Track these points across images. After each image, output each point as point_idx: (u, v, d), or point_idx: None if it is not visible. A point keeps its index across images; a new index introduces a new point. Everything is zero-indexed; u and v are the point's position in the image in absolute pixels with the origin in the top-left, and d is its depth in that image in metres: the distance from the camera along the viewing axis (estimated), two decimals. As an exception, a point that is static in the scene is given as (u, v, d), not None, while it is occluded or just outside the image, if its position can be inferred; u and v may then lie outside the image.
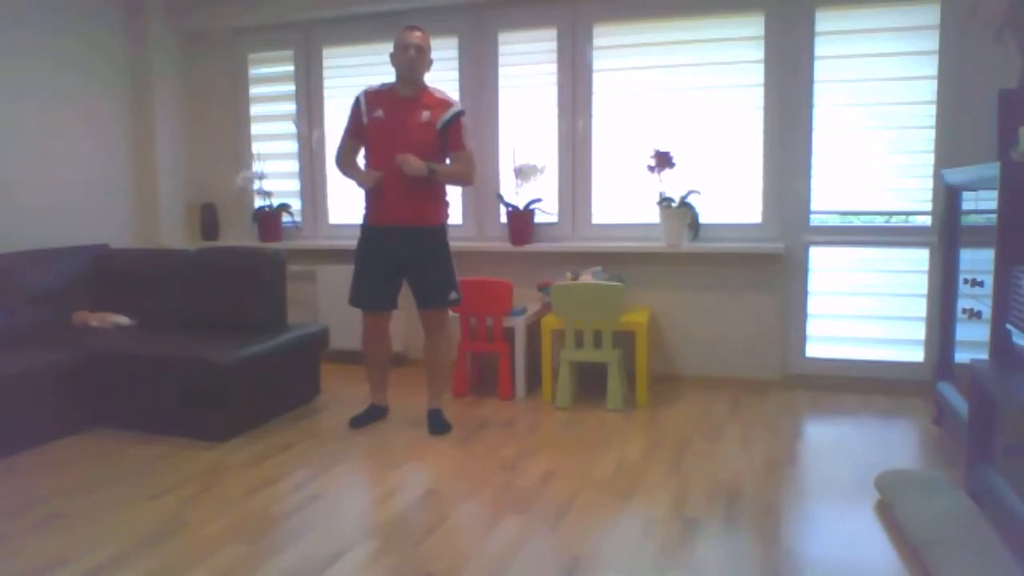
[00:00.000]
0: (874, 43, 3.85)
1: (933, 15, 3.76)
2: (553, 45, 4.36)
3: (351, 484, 2.94)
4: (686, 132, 4.15)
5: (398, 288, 3.50)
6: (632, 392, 3.92)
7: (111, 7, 4.71)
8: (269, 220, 4.91)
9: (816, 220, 4.06)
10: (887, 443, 3.27)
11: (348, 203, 4.64)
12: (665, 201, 4.08)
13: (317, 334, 3.96)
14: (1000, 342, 2.57)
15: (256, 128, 5.07)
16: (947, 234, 3.35)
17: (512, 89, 4.48)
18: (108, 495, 2.80)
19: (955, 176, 3.24)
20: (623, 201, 4.32)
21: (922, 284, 3.89)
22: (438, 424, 3.49)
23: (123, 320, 3.97)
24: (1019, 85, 3.12)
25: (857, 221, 4.05)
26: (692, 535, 2.41)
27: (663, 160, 4.03)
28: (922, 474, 2.70)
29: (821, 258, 4.07)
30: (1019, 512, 2.14)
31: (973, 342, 2.91)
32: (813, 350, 4.11)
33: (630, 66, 4.25)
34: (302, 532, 2.47)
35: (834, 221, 4.05)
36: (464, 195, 4.55)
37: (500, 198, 4.47)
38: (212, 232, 5.10)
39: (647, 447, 3.24)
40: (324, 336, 4.00)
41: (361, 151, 3.47)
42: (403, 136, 3.29)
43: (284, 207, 4.95)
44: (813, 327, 4.10)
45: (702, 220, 4.10)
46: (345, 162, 3.49)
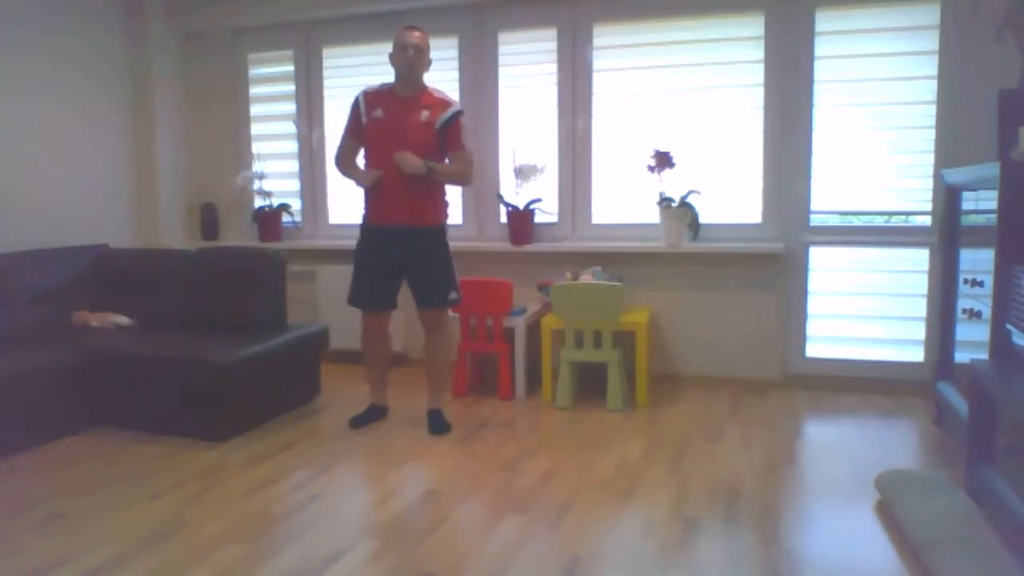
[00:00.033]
0: (874, 43, 3.86)
1: (933, 15, 3.76)
2: (553, 45, 4.36)
3: (351, 484, 2.94)
4: (686, 132, 4.15)
5: (398, 288, 3.50)
6: (632, 392, 3.92)
7: (111, 7, 4.71)
8: (269, 220, 4.91)
9: (816, 220, 4.06)
10: (887, 443, 3.27)
11: (348, 203, 4.65)
12: (665, 201, 4.08)
13: (317, 334, 3.96)
14: (1000, 342, 2.57)
15: (256, 128, 5.07)
16: (947, 234, 3.35)
17: (512, 89, 4.48)
18: (108, 495, 2.80)
19: (955, 176, 3.24)
20: (623, 201, 4.32)
21: (922, 284, 3.89)
22: (438, 424, 3.49)
23: (123, 320, 3.97)
24: (1019, 85, 3.12)
25: (857, 221, 4.05)
26: (692, 535, 2.41)
27: (663, 160, 4.03)
28: (922, 474, 2.70)
29: (821, 258, 4.07)
30: (1019, 512, 2.14)
31: (973, 342, 2.91)
32: (813, 350, 4.11)
33: (630, 66, 4.25)
34: (302, 532, 2.47)
35: (834, 221, 4.06)
36: (464, 195, 4.55)
37: (500, 198, 4.47)
38: (212, 232, 5.11)
39: (647, 447, 3.24)
40: (324, 336, 4.00)
41: (361, 151, 3.48)
42: (402, 136, 3.29)
43: (284, 207, 4.95)
44: (813, 327, 4.10)
45: (702, 220, 4.10)
46: (345, 162, 3.49)
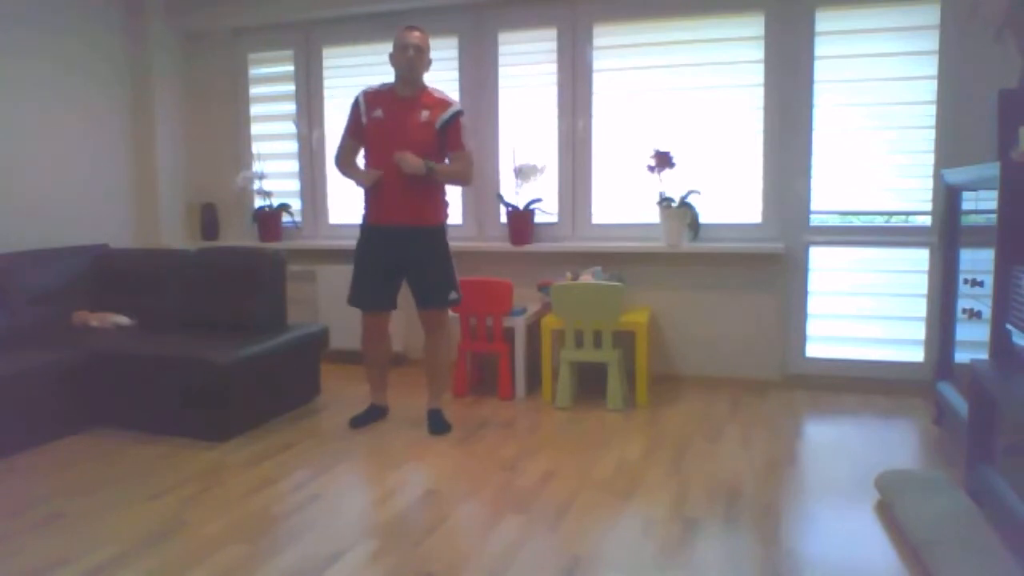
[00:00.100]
0: (874, 43, 3.86)
1: (933, 15, 3.76)
2: (553, 45, 4.36)
3: (351, 484, 2.94)
4: (686, 132, 4.15)
5: (397, 288, 3.50)
6: (632, 392, 3.92)
7: (111, 7, 4.71)
8: (269, 220, 4.91)
9: (816, 220, 4.06)
10: (887, 443, 3.27)
11: (348, 203, 4.65)
12: (665, 201, 4.08)
13: (317, 334, 3.96)
14: (1000, 342, 2.57)
15: (256, 128, 5.07)
16: (947, 234, 3.35)
17: (512, 89, 4.48)
18: (108, 495, 2.80)
19: (955, 176, 3.24)
20: (623, 201, 4.32)
21: (922, 284, 3.89)
22: (438, 424, 3.49)
23: (123, 320, 3.97)
24: (1019, 85, 3.12)
25: (857, 221, 4.05)
26: (692, 535, 2.41)
27: (663, 160, 4.03)
28: (922, 474, 2.70)
29: (821, 258, 4.07)
30: (1019, 512, 2.14)
31: (973, 342, 2.91)
32: (813, 350, 4.11)
33: (630, 66, 4.25)
34: (302, 532, 2.47)
35: (834, 221, 4.06)
36: (464, 195, 4.55)
37: (500, 198, 4.47)
38: (212, 232, 5.11)
39: (647, 447, 3.24)
40: (324, 336, 4.00)
41: (361, 152, 3.48)
42: (402, 136, 3.29)
43: (284, 207, 4.95)
44: (813, 327, 4.10)
45: (702, 220, 4.10)
46: (345, 162, 3.49)
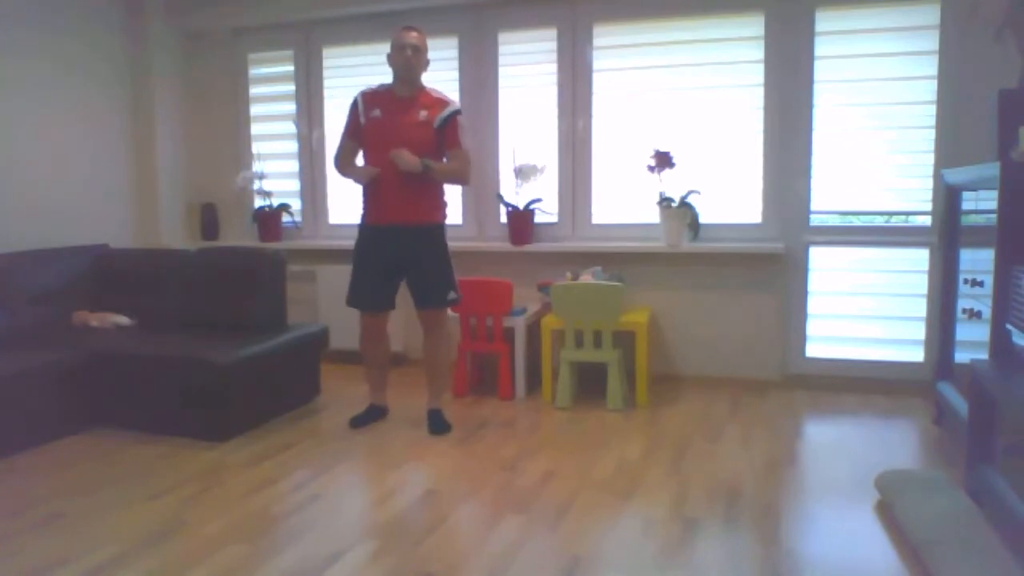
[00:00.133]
0: (874, 43, 3.86)
1: (933, 15, 3.76)
2: (553, 45, 4.36)
3: (351, 484, 2.94)
4: (686, 132, 4.15)
5: (396, 288, 3.50)
6: (632, 392, 3.92)
7: (111, 7, 4.71)
8: (269, 220, 4.91)
9: (816, 220, 4.06)
10: (887, 443, 3.27)
11: (348, 203, 4.64)
12: (665, 201, 4.08)
13: (317, 334, 3.96)
14: (1000, 342, 2.57)
15: (256, 128, 5.07)
16: (947, 234, 3.35)
17: (512, 89, 4.48)
18: (108, 495, 2.80)
19: (955, 176, 3.24)
20: (623, 201, 4.32)
21: (922, 284, 3.89)
22: (438, 424, 3.49)
23: (123, 320, 3.97)
24: (1019, 85, 3.12)
25: (857, 221, 4.05)
26: (692, 535, 2.41)
27: (663, 160, 4.03)
28: (922, 474, 2.70)
29: (821, 258, 4.07)
30: (1019, 512, 2.14)
31: (973, 342, 2.91)
32: (813, 350, 4.11)
33: (630, 66, 4.25)
34: (302, 532, 2.47)
35: (834, 221, 4.06)
36: (464, 195, 4.55)
37: (500, 198, 4.47)
38: (212, 232, 5.11)
39: (647, 447, 3.24)
40: (324, 336, 4.00)
41: (361, 152, 3.48)
42: (400, 135, 3.29)
43: (284, 207, 4.95)
44: (813, 327, 4.10)
45: (702, 220, 4.10)
46: (344, 163, 3.49)
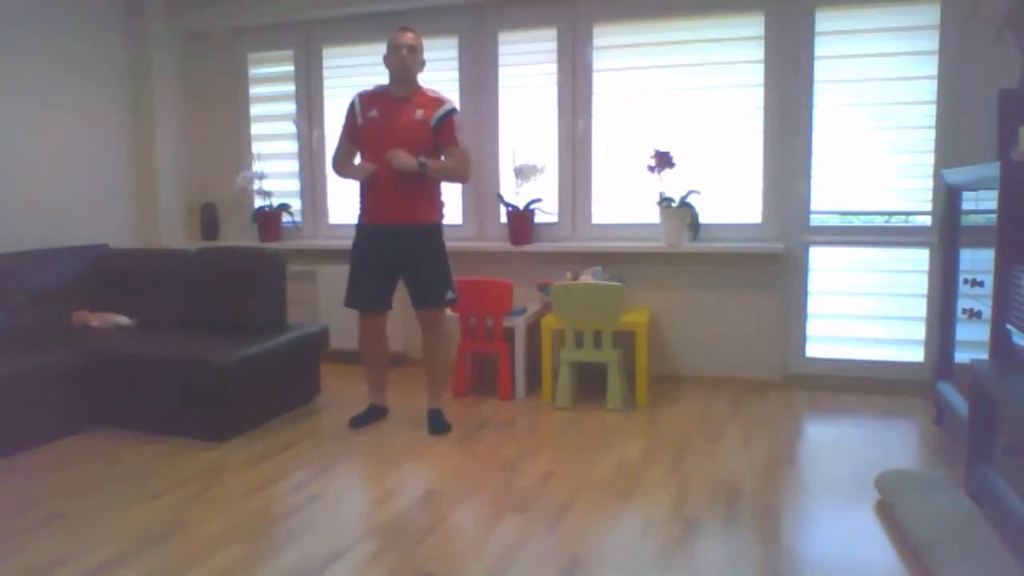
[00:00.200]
0: (874, 43, 3.86)
1: (933, 15, 3.76)
2: (553, 45, 4.36)
3: (351, 484, 2.94)
4: (686, 132, 4.15)
5: (394, 288, 3.50)
6: (632, 392, 3.92)
7: (111, 7, 4.71)
8: (269, 220, 4.91)
9: (816, 220, 4.06)
10: (887, 443, 3.27)
11: (348, 203, 4.63)
12: (665, 201, 4.08)
13: (317, 334, 3.96)
14: (1000, 342, 2.57)
15: (256, 128, 5.07)
16: (947, 234, 3.35)
17: (512, 89, 4.48)
18: (108, 495, 2.80)
19: (955, 176, 3.24)
20: (623, 201, 4.32)
21: (922, 284, 3.89)
22: (438, 424, 3.49)
23: (123, 320, 3.97)
24: (1019, 85, 3.12)
25: (857, 221, 4.05)
26: (692, 535, 2.41)
27: (663, 160, 4.03)
28: (922, 474, 2.70)
29: (821, 258, 4.07)
30: (1019, 512, 2.14)
31: (973, 342, 2.91)
32: (813, 350, 4.11)
33: (630, 66, 4.25)
34: (302, 532, 2.47)
35: (834, 221, 4.05)
36: (464, 195, 4.55)
37: (500, 198, 4.47)
38: (212, 232, 5.11)
39: (647, 447, 3.24)
40: (324, 336, 4.00)
41: (358, 153, 3.48)
42: (397, 134, 3.30)
43: (284, 207, 4.95)
44: (813, 327, 4.10)
45: (702, 220, 4.10)
46: (341, 163, 3.49)
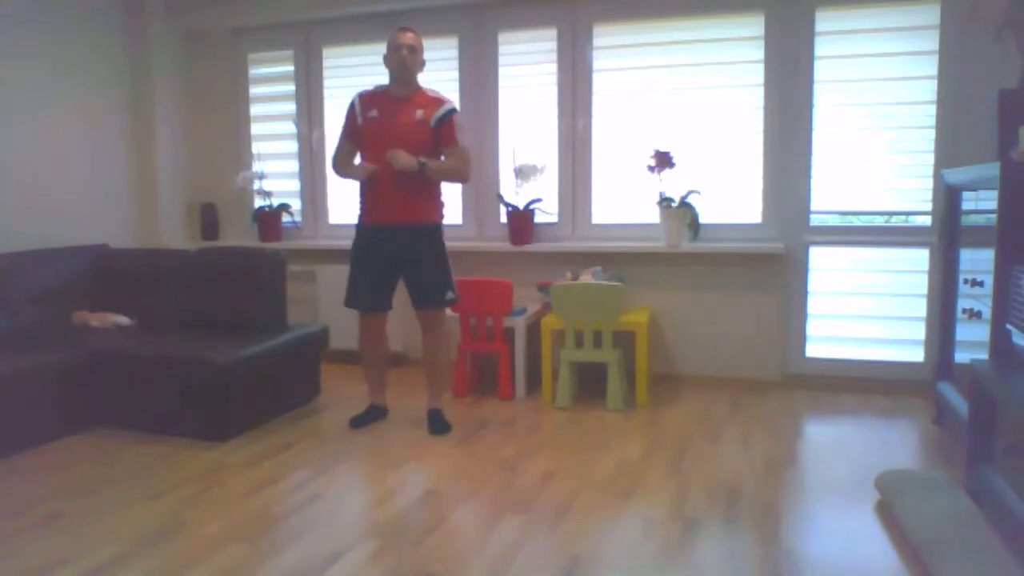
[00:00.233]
0: (874, 43, 3.86)
1: (933, 15, 3.76)
2: (553, 45, 4.36)
3: (351, 484, 2.94)
4: (686, 132, 4.15)
5: (394, 288, 3.50)
6: (632, 392, 3.92)
7: (111, 7, 4.71)
8: (269, 220, 4.91)
9: (816, 220, 4.06)
10: (887, 443, 3.27)
11: (348, 203, 4.63)
12: (665, 201, 4.08)
13: (317, 334, 3.96)
14: (1000, 342, 2.57)
15: (256, 128, 5.07)
16: (947, 234, 3.35)
17: (512, 89, 4.48)
18: (108, 495, 2.80)
19: (955, 176, 3.24)
20: (623, 201, 4.32)
21: (922, 284, 3.89)
22: (438, 424, 3.49)
23: (123, 320, 3.97)
24: (1019, 85, 3.12)
25: (857, 221, 4.05)
26: (692, 535, 2.41)
27: (663, 160, 4.03)
28: (922, 474, 2.70)
29: (821, 258, 4.07)
30: (1019, 512, 2.14)
31: (973, 342, 2.91)
32: (813, 350, 4.11)
33: (630, 66, 4.25)
34: (302, 532, 2.47)
35: (834, 221, 4.06)
36: (464, 195, 4.55)
37: (500, 198, 4.47)
38: (212, 232, 5.11)
39: (647, 447, 3.24)
40: (324, 336, 4.00)
41: (358, 154, 3.48)
42: (397, 135, 3.30)
43: (284, 207, 4.95)
44: (813, 327, 4.10)
45: (702, 220, 4.10)
46: (341, 164, 3.49)
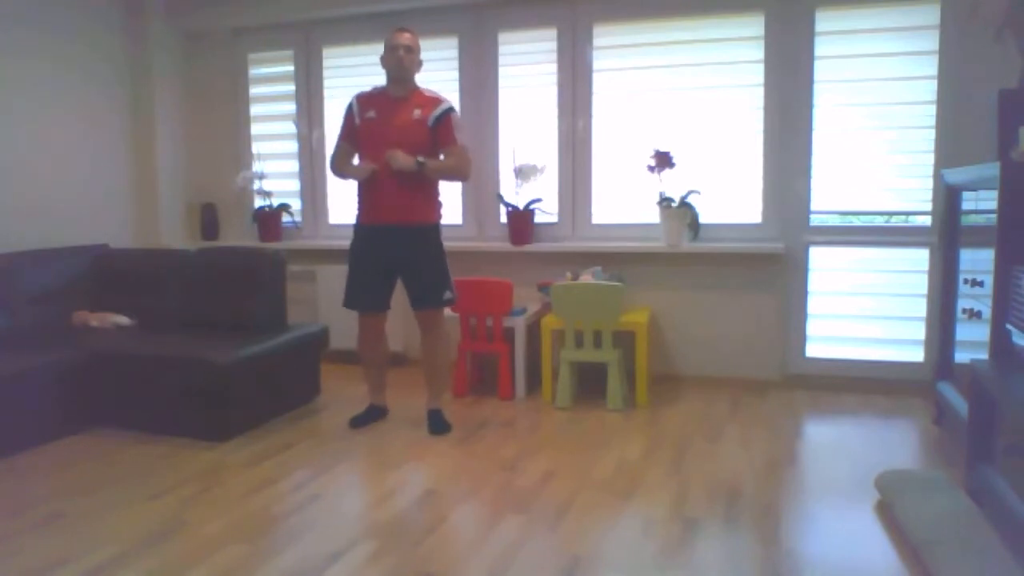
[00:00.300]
0: (874, 43, 3.86)
1: (933, 15, 3.76)
2: (553, 45, 4.36)
3: (351, 484, 2.94)
4: (686, 132, 4.15)
5: (392, 288, 3.50)
6: (632, 392, 3.92)
7: (111, 7, 4.71)
8: (269, 220, 4.91)
9: (816, 220, 4.06)
10: (887, 443, 3.27)
11: (348, 203, 4.62)
12: (665, 201, 4.08)
13: (317, 334, 3.96)
14: (1000, 342, 2.57)
15: (256, 128, 5.07)
16: (947, 234, 3.35)
17: (512, 89, 4.48)
18: (108, 495, 2.80)
19: (955, 176, 3.24)
20: (623, 201, 4.32)
21: (922, 284, 3.89)
22: (438, 424, 3.49)
23: (123, 320, 3.97)
24: (1019, 85, 3.12)
25: (857, 221, 4.05)
26: (692, 535, 2.41)
27: (663, 160, 4.03)
28: (922, 474, 2.70)
29: (821, 258, 4.07)
30: (1019, 512, 2.14)
31: (973, 342, 2.91)
32: (813, 350, 4.11)
33: (630, 66, 4.25)
34: (302, 532, 2.47)
35: (834, 221, 4.05)
36: (464, 195, 4.56)
37: (500, 198, 4.47)
38: (212, 232, 5.11)
39: (647, 447, 3.24)
40: (324, 336, 4.00)
41: (356, 155, 3.48)
42: (395, 134, 3.30)
43: (284, 207, 4.95)
44: (813, 327, 4.10)
45: (702, 220, 4.10)
46: (340, 164, 3.49)
